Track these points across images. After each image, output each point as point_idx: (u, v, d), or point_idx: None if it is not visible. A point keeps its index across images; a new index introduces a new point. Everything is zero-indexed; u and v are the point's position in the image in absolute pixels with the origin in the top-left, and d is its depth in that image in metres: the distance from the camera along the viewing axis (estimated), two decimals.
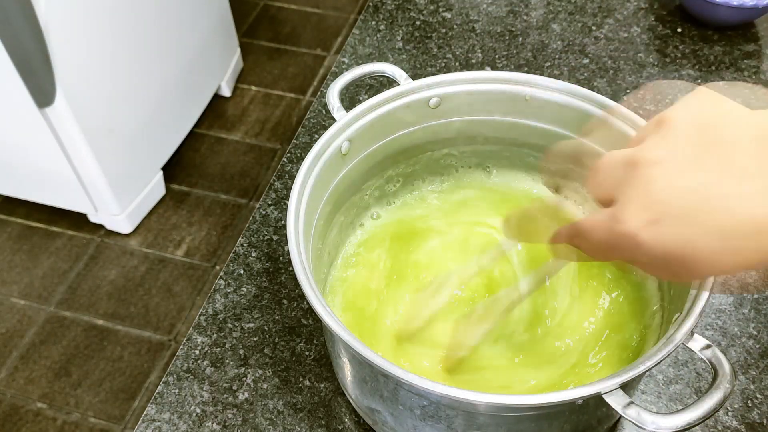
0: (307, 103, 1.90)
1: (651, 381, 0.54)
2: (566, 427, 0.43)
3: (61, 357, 1.43)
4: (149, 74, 1.53)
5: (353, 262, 0.55)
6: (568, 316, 0.50)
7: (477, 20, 0.85)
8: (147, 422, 0.53)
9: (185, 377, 0.55)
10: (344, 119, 0.50)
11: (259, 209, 0.66)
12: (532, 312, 0.51)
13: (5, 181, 1.57)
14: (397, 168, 0.57)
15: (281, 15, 2.15)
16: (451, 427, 0.42)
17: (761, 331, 0.56)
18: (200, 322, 0.58)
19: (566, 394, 0.36)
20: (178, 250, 1.59)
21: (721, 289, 0.43)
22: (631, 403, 0.36)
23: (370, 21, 0.85)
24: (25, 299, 1.52)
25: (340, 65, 0.80)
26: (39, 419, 1.34)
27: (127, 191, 1.55)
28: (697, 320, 0.38)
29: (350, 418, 0.53)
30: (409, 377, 0.37)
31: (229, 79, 1.89)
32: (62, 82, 1.27)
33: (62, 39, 1.23)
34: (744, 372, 0.54)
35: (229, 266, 0.62)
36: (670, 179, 0.30)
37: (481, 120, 0.54)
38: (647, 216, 0.30)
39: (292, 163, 0.70)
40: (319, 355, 0.56)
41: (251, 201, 1.69)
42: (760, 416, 0.52)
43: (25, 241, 1.61)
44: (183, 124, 1.74)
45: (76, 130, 1.35)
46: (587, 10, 0.86)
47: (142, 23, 1.46)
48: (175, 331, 1.46)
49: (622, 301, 0.51)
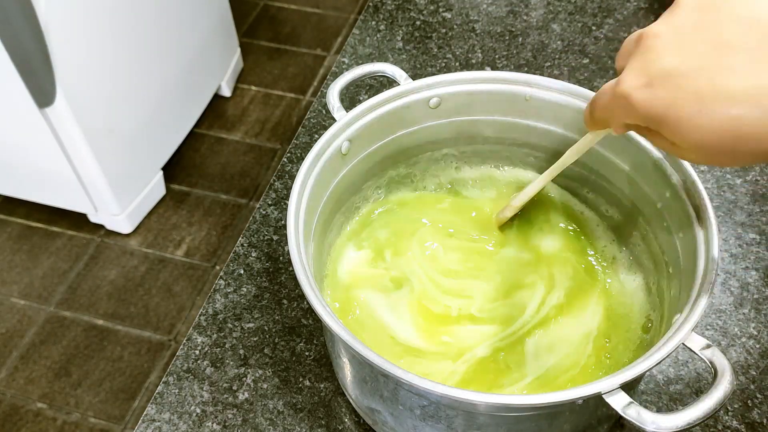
0: (307, 103, 1.90)
1: (651, 381, 0.54)
2: (566, 427, 0.43)
3: (61, 357, 1.43)
4: (149, 74, 1.53)
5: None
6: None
7: (477, 20, 0.85)
8: (147, 422, 0.53)
9: (185, 377, 0.55)
10: (344, 119, 0.50)
11: (259, 209, 0.66)
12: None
13: (5, 181, 1.57)
14: (397, 168, 0.57)
15: (281, 15, 2.15)
16: (451, 427, 0.42)
17: (761, 331, 0.56)
18: (200, 322, 0.58)
19: (566, 394, 0.36)
20: (178, 250, 1.59)
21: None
22: (631, 403, 0.36)
23: (370, 21, 0.85)
24: (25, 299, 1.52)
25: (340, 65, 0.80)
26: (39, 419, 1.34)
27: (127, 191, 1.55)
28: (697, 321, 0.38)
29: (350, 418, 0.53)
30: (409, 377, 0.37)
31: (229, 79, 1.89)
32: (62, 82, 1.27)
33: (62, 39, 1.23)
34: (744, 372, 0.54)
35: (229, 266, 0.62)
36: (665, 49, 0.34)
37: (481, 120, 0.54)
38: (642, 80, 0.34)
39: (292, 163, 0.70)
40: (319, 355, 0.56)
41: (251, 201, 1.69)
42: (760, 416, 0.52)
43: (25, 241, 1.62)
44: (183, 124, 1.74)
45: (76, 130, 1.35)
46: (587, 10, 0.86)
47: (142, 23, 1.46)
48: (175, 331, 1.46)
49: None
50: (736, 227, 0.63)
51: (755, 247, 0.61)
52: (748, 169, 0.67)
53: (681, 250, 0.45)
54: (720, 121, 0.32)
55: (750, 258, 0.61)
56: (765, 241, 0.62)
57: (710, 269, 0.41)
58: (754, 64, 0.31)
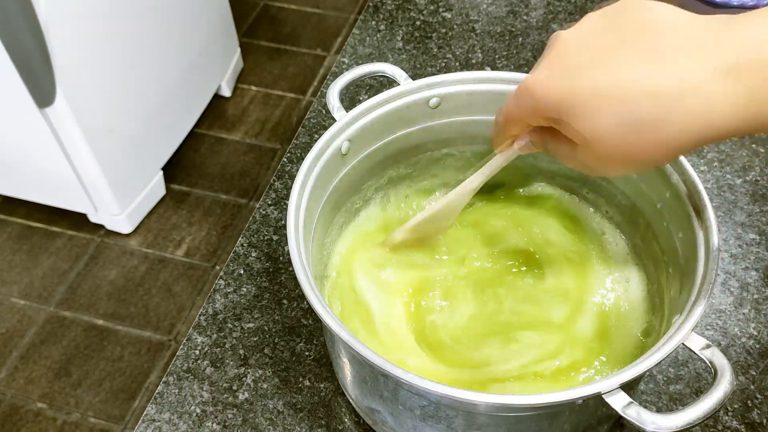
0: (307, 103, 1.90)
1: (651, 381, 0.54)
2: (566, 427, 0.43)
3: (61, 357, 1.43)
4: (149, 74, 1.53)
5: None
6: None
7: (477, 20, 0.85)
8: (147, 422, 0.53)
9: (185, 377, 0.55)
10: (344, 119, 0.50)
11: (259, 209, 0.66)
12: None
13: (5, 181, 1.57)
14: (397, 168, 0.57)
15: (281, 15, 2.15)
16: (451, 427, 0.42)
17: (761, 331, 0.56)
18: (200, 322, 0.58)
19: (566, 394, 0.36)
20: (178, 250, 1.59)
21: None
22: (631, 403, 0.36)
23: (370, 21, 0.85)
24: (25, 299, 1.52)
25: (340, 65, 0.80)
26: (39, 419, 1.34)
27: (127, 191, 1.55)
28: (697, 321, 0.38)
29: (350, 418, 0.53)
30: (409, 377, 0.37)
31: (229, 79, 1.89)
32: (62, 82, 1.27)
33: (62, 39, 1.23)
34: (744, 372, 0.54)
35: (229, 266, 0.62)
36: (570, 47, 0.36)
37: (481, 120, 0.54)
38: (544, 73, 0.37)
39: (292, 163, 0.70)
40: (319, 355, 0.56)
41: (251, 201, 1.69)
42: (760, 416, 0.52)
43: (25, 241, 1.62)
44: (183, 124, 1.74)
45: (76, 130, 1.35)
46: (587, 10, 0.86)
47: (142, 23, 1.46)
48: (175, 331, 1.46)
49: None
50: (736, 227, 0.63)
51: (755, 247, 0.61)
52: (748, 169, 0.67)
53: (681, 250, 0.45)
54: (615, 107, 0.33)
55: (750, 258, 0.61)
56: (765, 241, 0.62)
57: (710, 269, 0.41)
58: (651, 56, 0.33)
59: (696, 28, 0.33)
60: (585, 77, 0.34)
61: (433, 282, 0.52)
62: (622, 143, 0.34)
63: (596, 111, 0.34)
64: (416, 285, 0.52)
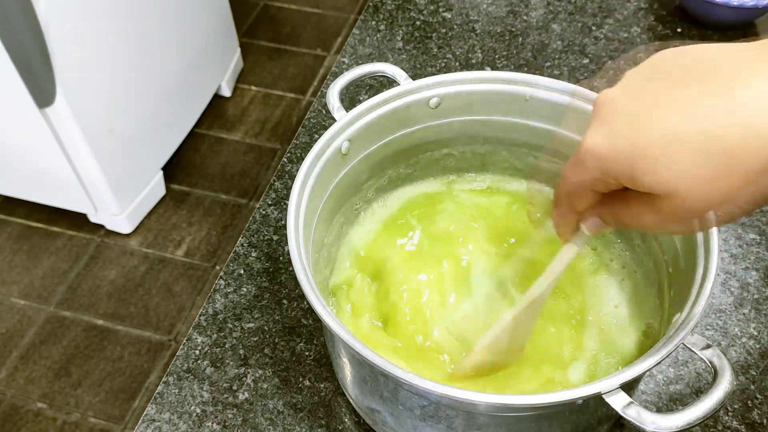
0: (307, 103, 1.90)
1: (651, 381, 0.54)
2: (566, 427, 0.43)
3: (61, 357, 1.43)
4: (149, 74, 1.53)
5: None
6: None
7: (477, 20, 0.85)
8: (147, 422, 0.53)
9: (185, 377, 0.55)
10: (344, 119, 0.50)
11: (259, 209, 0.66)
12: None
13: (5, 181, 1.57)
14: (397, 168, 0.57)
15: (281, 15, 2.15)
16: (451, 427, 0.42)
17: (761, 331, 0.56)
18: (200, 322, 0.58)
19: (566, 394, 0.36)
20: (178, 250, 1.59)
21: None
22: (631, 403, 0.36)
23: (370, 21, 0.85)
24: (25, 299, 1.52)
25: (340, 65, 0.80)
26: (39, 419, 1.34)
27: (127, 191, 1.55)
28: (697, 321, 0.38)
29: (350, 418, 0.53)
30: (409, 377, 0.37)
31: (229, 79, 1.89)
32: (62, 82, 1.26)
33: (62, 39, 1.23)
34: (744, 372, 0.54)
35: (229, 266, 0.62)
36: (620, 101, 0.34)
37: (481, 120, 0.54)
38: (602, 130, 0.34)
39: (292, 163, 0.70)
40: (319, 355, 0.56)
41: (251, 201, 1.69)
42: (760, 416, 0.52)
43: (25, 241, 1.62)
44: (183, 124, 1.74)
45: (76, 130, 1.35)
46: (587, 10, 0.86)
47: (142, 23, 1.46)
48: (175, 331, 1.46)
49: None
50: (736, 227, 0.63)
51: (755, 247, 0.61)
52: None
53: (681, 250, 0.45)
54: (700, 144, 0.31)
55: (750, 258, 0.61)
56: (765, 241, 0.62)
57: (710, 269, 0.41)
58: (716, 88, 0.31)
59: (744, 55, 0.32)
60: (652, 123, 0.32)
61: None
62: (713, 177, 0.32)
63: (676, 154, 0.31)
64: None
